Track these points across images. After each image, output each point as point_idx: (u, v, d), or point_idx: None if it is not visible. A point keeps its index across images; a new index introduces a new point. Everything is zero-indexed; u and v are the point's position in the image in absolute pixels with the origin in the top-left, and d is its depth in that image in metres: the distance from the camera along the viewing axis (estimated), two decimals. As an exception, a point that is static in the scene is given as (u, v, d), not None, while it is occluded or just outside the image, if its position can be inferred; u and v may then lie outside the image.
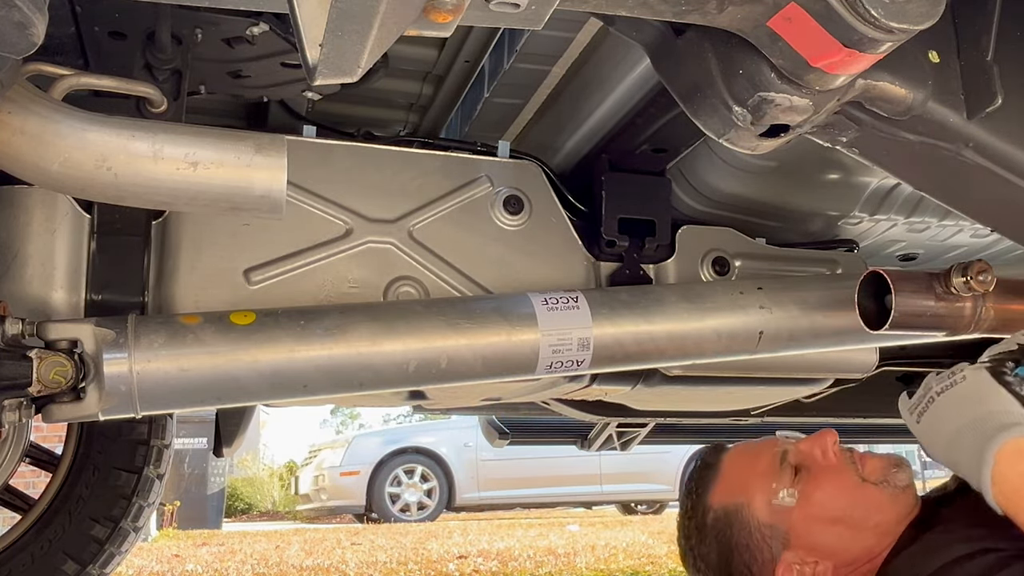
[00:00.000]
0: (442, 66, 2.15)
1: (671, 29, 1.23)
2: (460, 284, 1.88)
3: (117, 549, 2.63)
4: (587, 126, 2.02)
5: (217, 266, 1.75)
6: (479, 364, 1.71)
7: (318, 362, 1.60)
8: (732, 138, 1.22)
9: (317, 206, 1.83)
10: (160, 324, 1.57)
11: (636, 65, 1.77)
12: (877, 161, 1.38)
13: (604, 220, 2.00)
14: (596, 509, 13.62)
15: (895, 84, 1.24)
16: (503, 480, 11.50)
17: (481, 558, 6.21)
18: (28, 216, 1.67)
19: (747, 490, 1.49)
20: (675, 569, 5.72)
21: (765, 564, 1.45)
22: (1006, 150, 1.32)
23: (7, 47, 1.00)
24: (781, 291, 1.95)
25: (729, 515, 1.50)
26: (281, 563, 6.33)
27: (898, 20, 1.01)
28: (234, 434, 2.73)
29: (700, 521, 1.54)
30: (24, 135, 1.29)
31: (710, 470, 1.58)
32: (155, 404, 1.57)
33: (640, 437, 3.38)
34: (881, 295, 1.72)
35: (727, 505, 1.51)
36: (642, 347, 1.83)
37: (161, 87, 1.64)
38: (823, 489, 1.45)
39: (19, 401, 1.45)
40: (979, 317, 1.74)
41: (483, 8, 0.91)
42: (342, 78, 0.90)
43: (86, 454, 2.60)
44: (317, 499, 12.31)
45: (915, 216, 2.15)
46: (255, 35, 1.72)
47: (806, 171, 2.00)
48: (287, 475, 17.22)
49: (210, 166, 1.36)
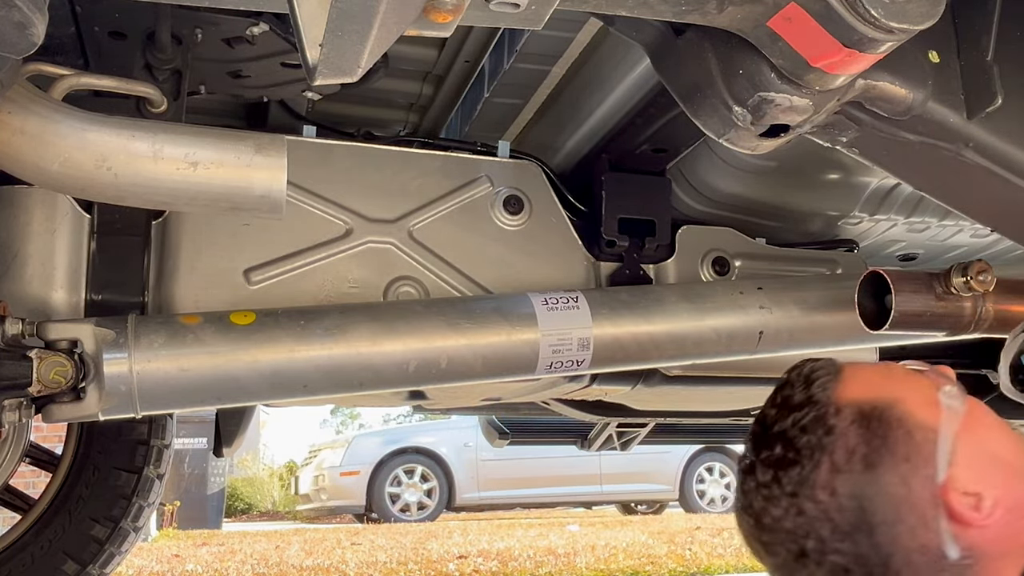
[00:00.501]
0: (442, 66, 2.15)
1: (671, 29, 1.23)
2: (460, 284, 1.88)
3: (117, 549, 2.63)
4: (587, 126, 2.02)
5: (217, 266, 1.76)
6: (479, 364, 1.71)
7: (318, 362, 1.61)
8: (732, 138, 1.22)
9: (317, 206, 1.83)
10: (160, 324, 1.57)
11: (636, 65, 1.77)
12: (877, 161, 1.37)
13: (604, 220, 2.00)
14: (596, 509, 13.62)
15: (895, 84, 1.24)
16: (503, 480, 11.50)
17: (481, 558, 6.21)
18: (28, 216, 1.68)
19: (898, 386, 1.10)
20: (675, 569, 5.73)
21: (925, 478, 1.04)
22: (1006, 150, 1.32)
23: (7, 47, 1.00)
24: (781, 291, 1.95)
25: (876, 410, 1.07)
26: (281, 563, 6.33)
27: (898, 20, 1.01)
28: (234, 434, 2.73)
29: (818, 422, 1.07)
30: (24, 135, 1.29)
31: (823, 371, 1.15)
32: (155, 404, 1.57)
33: (640, 437, 3.38)
34: (881, 295, 1.72)
35: (868, 401, 1.08)
36: (642, 347, 1.83)
37: (161, 87, 1.64)
38: (985, 413, 1.10)
39: (19, 401, 1.45)
40: (979, 317, 1.74)
41: (483, 8, 0.91)
42: (342, 78, 0.90)
43: (86, 454, 2.60)
44: (317, 499, 12.30)
45: (915, 216, 2.15)
46: (255, 35, 1.72)
47: (806, 171, 2.00)
48: (287, 475, 17.22)
49: (210, 166, 1.36)
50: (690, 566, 5.81)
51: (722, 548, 6.56)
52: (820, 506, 1.02)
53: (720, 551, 6.41)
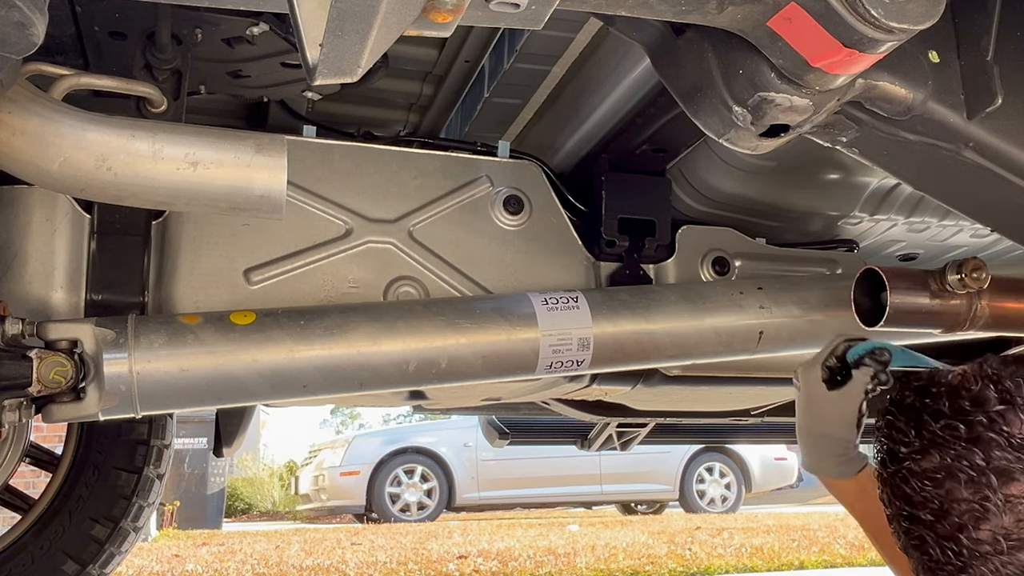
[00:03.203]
0: (442, 66, 2.15)
1: (671, 29, 1.23)
2: (460, 284, 1.88)
3: (117, 549, 2.63)
4: (587, 126, 2.02)
5: (217, 266, 1.75)
6: (479, 364, 1.71)
7: (318, 362, 1.60)
8: (732, 138, 1.22)
9: (317, 206, 1.83)
10: (160, 324, 1.57)
11: (636, 65, 1.77)
12: (877, 161, 1.38)
13: (604, 220, 2.00)
14: (596, 509, 13.62)
15: (895, 84, 1.24)
16: (503, 480, 11.50)
17: (481, 558, 6.21)
18: (28, 216, 1.67)
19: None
20: (675, 569, 5.73)
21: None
22: (1006, 150, 1.32)
23: (7, 47, 1.00)
24: (781, 291, 1.95)
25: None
26: (281, 563, 6.33)
27: (898, 20, 1.01)
28: (234, 434, 2.73)
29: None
30: (24, 135, 1.29)
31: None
32: (155, 404, 1.57)
33: (640, 437, 3.38)
34: (877, 292, 1.73)
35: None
36: (642, 347, 1.83)
37: (161, 87, 1.64)
38: None
39: (19, 401, 1.45)
40: (974, 315, 1.74)
41: (483, 8, 0.91)
42: (342, 78, 0.90)
43: (86, 454, 2.60)
44: (317, 499, 12.30)
45: (915, 216, 2.15)
46: (255, 35, 1.72)
47: (806, 171, 2.00)
48: (287, 475, 17.21)
49: (210, 166, 1.36)
50: (690, 566, 5.81)
51: (722, 548, 6.56)
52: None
53: (720, 551, 6.41)
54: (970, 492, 1.07)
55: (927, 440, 1.12)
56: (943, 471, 1.09)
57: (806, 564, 5.97)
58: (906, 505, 1.13)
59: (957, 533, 1.08)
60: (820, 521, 8.89)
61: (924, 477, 1.11)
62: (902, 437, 1.15)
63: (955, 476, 1.08)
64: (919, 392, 1.16)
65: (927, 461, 1.11)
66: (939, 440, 1.11)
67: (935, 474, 1.10)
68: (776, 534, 7.51)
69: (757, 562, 5.96)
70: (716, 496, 11.99)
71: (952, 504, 1.08)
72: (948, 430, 1.10)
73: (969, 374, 1.14)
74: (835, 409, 1.47)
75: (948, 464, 1.09)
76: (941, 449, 1.10)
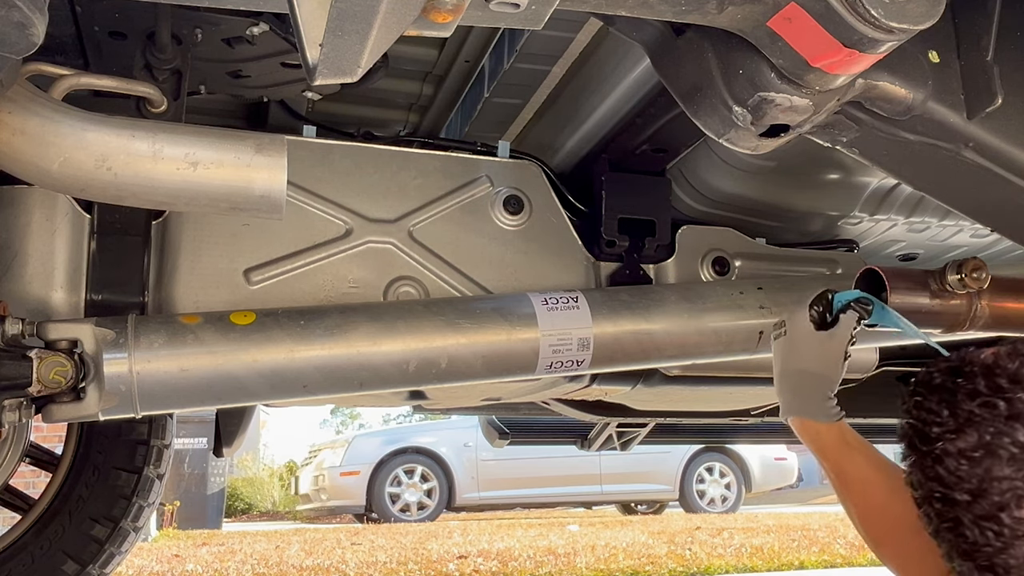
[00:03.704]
0: (442, 66, 2.15)
1: (671, 29, 1.23)
2: (460, 284, 1.88)
3: (117, 549, 2.63)
4: (587, 126, 2.02)
5: (217, 266, 1.75)
6: (479, 364, 1.71)
7: (318, 362, 1.61)
8: (732, 138, 1.22)
9: (317, 206, 1.83)
10: (160, 324, 1.57)
11: (636, 65, 1.77)
12: (877, 161, 1.38)
13: (604, 220, 2.00)
14: (596, 509, 13.61)
15: (895, 84, 1.24)
16: (503, 480, 11.49)
17: (481, 558, 6.20)
18: (28, 216, 1.67)
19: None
20: (675, 569, 5.73)
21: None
22: (1006, 150, 1.32)
23: (7, 47, 1.00)
24: (781, 291, 1.95)
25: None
26: (281, 563, 6.32)
27: (898, 20, 1.01)
28: (234, 434, 2.73)
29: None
30: (24, 135, 1.29)
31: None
32: (155, 404, 1.57)
33: (640, 437, 3.38)
34: (877, 292, 1.72)
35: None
36: (642, 347, 1.83)
37: (161, 87, 1.64)
38: None
39: (19, 401, 1.45)
40: (974, 315, 1.74)
41: (483, 8, 0.91)
42: (342, 78, 0.90)
43: (86, 454, 2.60)
44: (317, 499, 12.29)
45: (915, 216, 2.15)
46: (255, 35, 1.72)
47: (806, 171, 2.00)
48: (287, 475, 17.20)
49: (210, 166, 1.36)
50: (690, 566, 5.80)
51: (722, 548, 6.56)
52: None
53: (720, 551, 6.40)
54: (1012, 469, 1.06)
55: (963, 419, 1.11)
56: (981, 449, 1.08)
57: (806, 564, 5.97)
58: (940, 486, 1.11)
59: (998, 512, 1.06)
60: (820, 521, 8.89)
61: (961, 456, 1.09)
62: (934, 418, 1.13)
63: (995, 454, 1.07)
64: (950, 373, 1.15)
65: (963, 440, 1.10)
66: (976, 418, 1.10)
67: (972, 452, 1.09)
68: (776, 534, 7.51)
69: (757, 562, 5.96)
70: (716, 496, 11.98)
71: (992, 483, 1.07)
72: (986, 408, 1.09)
73: (1003, 353, 1.13)
74: (823, 348, 1.50)
75: (987, 442, 1.08)
76: (979, 427, 1.09)
